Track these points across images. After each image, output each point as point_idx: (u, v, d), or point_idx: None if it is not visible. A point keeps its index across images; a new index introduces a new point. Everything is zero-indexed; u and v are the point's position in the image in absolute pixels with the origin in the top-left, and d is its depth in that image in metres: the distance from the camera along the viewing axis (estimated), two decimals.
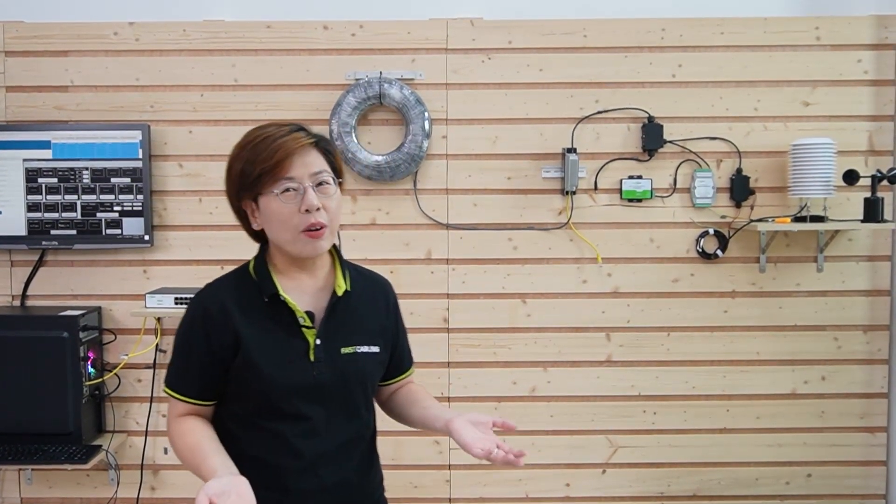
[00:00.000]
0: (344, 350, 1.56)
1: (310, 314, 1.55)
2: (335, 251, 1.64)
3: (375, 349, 1.61)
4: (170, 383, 1.58)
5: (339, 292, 1.58)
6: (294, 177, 1.49)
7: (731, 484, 3.11)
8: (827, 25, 3.02)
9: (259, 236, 1.63)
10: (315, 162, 1.52)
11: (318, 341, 1.53)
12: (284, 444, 1.52)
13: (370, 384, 1.63)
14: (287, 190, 1.48)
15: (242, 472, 1.42)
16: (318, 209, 1.49)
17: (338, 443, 1.56)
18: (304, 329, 1.54)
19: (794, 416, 3.09)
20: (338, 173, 1.57)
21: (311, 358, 1.53)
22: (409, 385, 1.78)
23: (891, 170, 2.83)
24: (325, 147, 1.56)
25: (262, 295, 1.54)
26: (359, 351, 1.58)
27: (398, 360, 1.73)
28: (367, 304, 1.64)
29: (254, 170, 1.49)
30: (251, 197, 1.53)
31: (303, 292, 1.57)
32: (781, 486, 3.11)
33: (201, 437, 1.51)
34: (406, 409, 1.72)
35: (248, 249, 3.09)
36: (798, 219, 2.94)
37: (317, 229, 1.50)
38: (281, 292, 1.53)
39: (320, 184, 1.51)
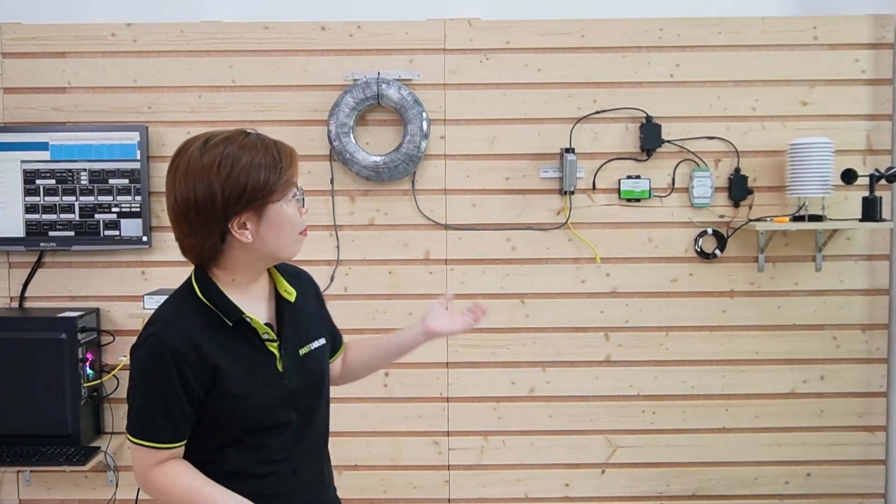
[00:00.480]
0: (302, 351, 1.59)
1: (269, 325, 1.54)
2: None
3: (323, 341, 1.65)
4: (140, 433, 1.46)
5: (291, 299, 1.57)
6: (295, 181, 1.53)
7: (731, 483, 3.11)
8: (824, 25, 3.02)
9: (202, 257, 1.50)
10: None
11: (282, 351, 1.54)
12: (267, 454, 1.53)
13: (327, 375, 1.68)
14: (296, 196, 1.52)
15: (228, 488, 1.48)
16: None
17: (311, 442, 1.60)
18: (267, 343, 1.53)
19: (793, 416, 3.09)
20: None
21: (280, 369, 1.53)
22: (352, 344, 1.85)
23: (889, 169, 2.83)
24: None
25: (226, 320, 1.48)
26: (313, 347, 1.62)
27: (334, 338, 1.78)
28: (304, 301, 1.64)
29: (280, 176, 1.45)
30: (255, 207, 1.44)
31: (256, 303, 1.54)
32: (781, 485, 3.11)
33: (195, 477, 1.48)
34: (372, 355, 1.81)
35: None
36: (796, 218, 2.94)
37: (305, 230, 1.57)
38: (245, 313, 1.49)
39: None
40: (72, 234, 2.97)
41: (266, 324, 1.53)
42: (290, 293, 1.58)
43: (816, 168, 2.85)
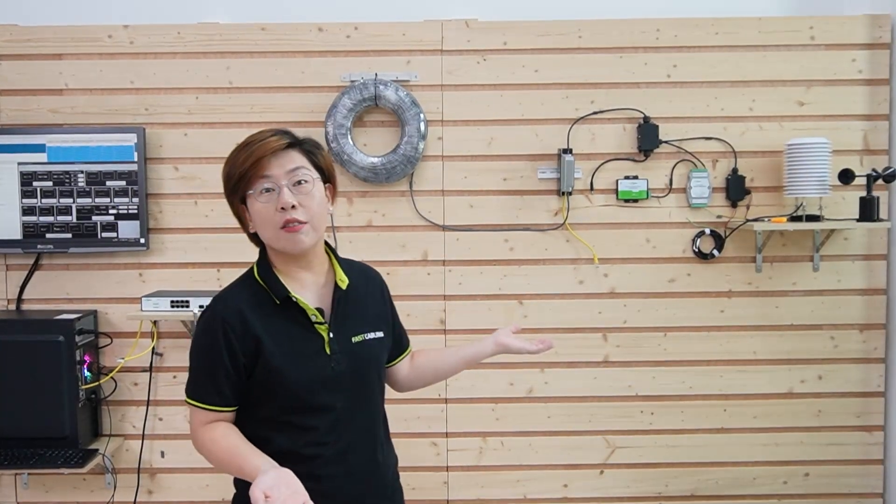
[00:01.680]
0: (355, 339, 1.65)
1: (320, 310, 1.62)
2: (330, 248, 1.72)
3: (380, 334, 1.72)
4: (192, 394, 1.62)
5: (343, 286, 1.66)
6: (270, 176, 1.56)
7: (729, 483, 3.11)
8: (821, 25, 3.03)
9: (259, 240, 1.68)
10: (291, 161, 1.58)
11: (331, 335, 1.61)
12: (315, 436, 1.59)
13: (381, 367, 1.74)
14: (266, 190, 1.56)
15: None
16: (292, 207, 1.55)
17: (361, 428, 1.65)
18: (316, 325, 1.61)
19: (792, 416, 3.09)
20: (323, 172, 1.65)
21: (328, 351, 1.61)
22: (418, 352, 1.93)
23: (886, 169, 2.84)
24: (307, 148, 1.63)
25: (274, 298, 1.60)
26: (367, 338, 1.68)
27: (398, 339, 1.84)
28: (366, 294, 1.73)
29: (235, 172, 1.58)
30: (240, 200, 1.60)
31: (307, 290, 1.65)
32: (779, 485, 3.11)
33: (236, 439, 1.57)
34: (441, 361, 1.91)
35: (242, 252, 3.07)
36: (794, 218, 2.94)
37: (294, 226, 1.56)
38: (291, 293, 1.60)
39: (298, 182, 1.57)
40: (69, 236, 2.97)
41: (317, 308, 1.62)
42: (343, 281, 1.66)
43: (814, 168, 2.85)
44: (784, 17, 3.06)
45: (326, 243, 1.71)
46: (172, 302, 2.81)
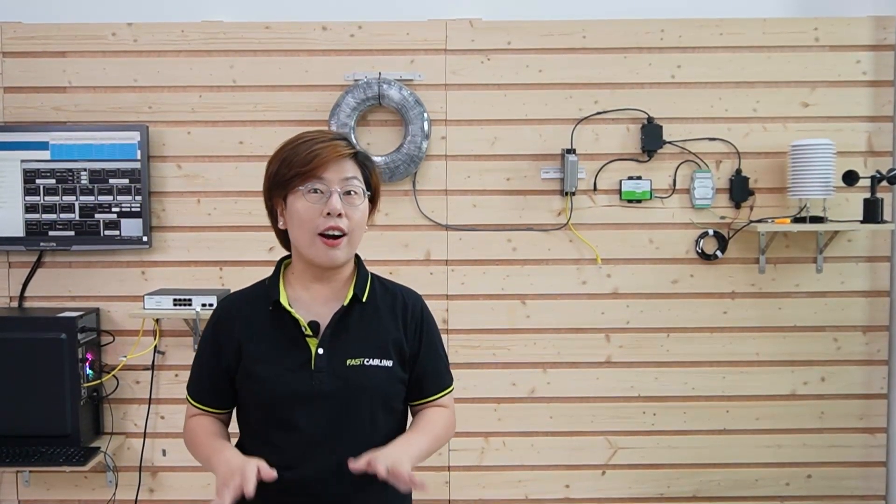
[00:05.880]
0: (350, 362, 1.52)
1: (314, 324, 1.53)
2: (358, 262, 1.63)
3: (388, 364, 1.55)
4: (187, 387, 1.64)
5: (345, 302, 1.56)
6: (324, 178, 1.49)
7: (731, 485, 3.10)
8: (825, 26, 3.02)
9: (287, 241, 1.62)
10: (348, 170, 1.52)
11: (319, 351, 1.51)
12: (280, 457, 1.47)
13: (385, 400, 1.56)
14: (314, 191, 1.49)
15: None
16: (339, 214, 1.48)
17: (336, 461, 1.48)
18: (307, 338, 1.53)
19: (794, 417, 3.09)
20: (372, 188, 1.58)
21: (312, 367, 1.51)
22: (424, 410, 1.65)
23: (890, 170, 2.83)
24: (362, 161, 1.57)
25: (268, 303, 1.56)
26: (367, 364, 1.53)
27: (418, 380, 1.63)
28: (383, 317, 1.59)
29: (289, 170, 1.50)
30: (282, 195, 1.53)
31: (314, 301, 1.56)
32: (781, 487, 3.10)
33: (206, 432, 1.56)
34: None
35: (245, 251, 3.10)
36: (798, 220, 2.94)
37: (335, 237, 1.49)
38: (282, 301, 1.54)
39: (348, 192, 1.51)
40: (72, 233, 2.97)
41: (313, 321, 1.53)
42: (347, 297, 1.56)
43: (818, 169, 2.84)
44: (789, 18, 3.05)
45: (358, 257, 1.63)
46: (175, 300, 2.80)
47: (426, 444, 1.55)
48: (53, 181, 2.96)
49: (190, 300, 2.80)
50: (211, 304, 2.80)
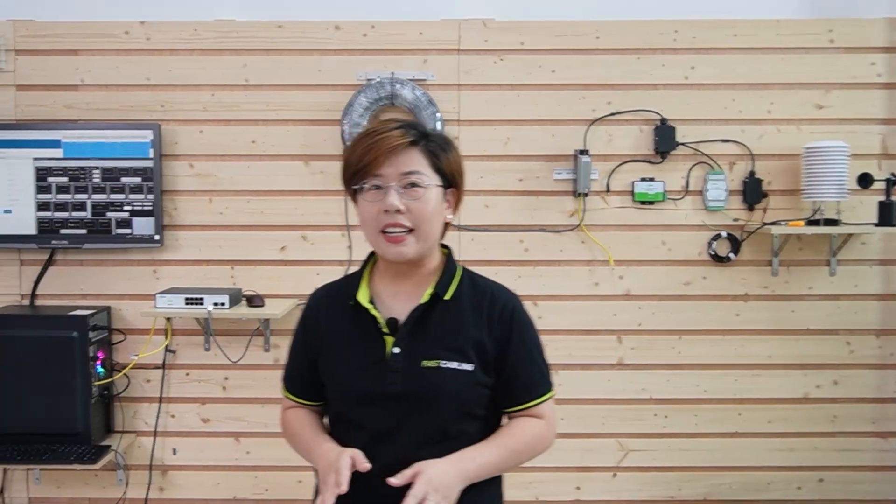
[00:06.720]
0: (426, 363, 1.44)
1: (392, 321, 1.47)
2: (448, 256, 1.56)
3: (468, 367, 1.44)
4: (282, 378, 1.64)
5: (423, 300, 1.47)
6: (382, 174, 1.43)
7: (743, 488, 3.09)
8: (840, 28, 3.01)
9: None
10: (408, 162, 1.44)
11: (395, 350, 1.45)
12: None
13: (462, 405, 1.46)
14: (375, 187, 1.44)
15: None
16: (396, 210, 1.41)
17: (405, 460, 1.38)
18: (385, 336, 1.47)
19: (806, 421, 3.07)
20: (445, 175, 1.48)
21: (386, 366, 1.45)
22: (514, 419, 1.53)
23: None
24: (431, 148, 1.47)
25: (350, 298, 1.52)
26: (443, 366, 1.44)
27: (507, 386, 1.50)
28: (466, 317, 1.48)
29: (349, 168, 1.47)
30: (351, 194, 1.50)
31: (395, 297, 1.50)
32: (793, 490, 3.09)
33: (302, 423, 1.55)
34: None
35: (256, 250, 3.10)
36: (812, 222, 2.92)
37: (396, 234, 1.43)
38: (360, 297, 1.49)
39: (411, 185, 1.43)
40: (84, 232, 2.96)
41: (391, 318, 1.47)
42: (427, 294, 1.48)
43: (832, 172, 2.83)
44: (803, 19, 3.04)
45: (449, 253, 1.56)
46: (187, 299, 2.80)
47: (493, 458, 1.44)
48: (66, 179, 2.96)
49: (202, 299, 2.79)
50: (223, 304, 2.79)
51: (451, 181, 1.50)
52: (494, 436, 1.49)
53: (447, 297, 1.49)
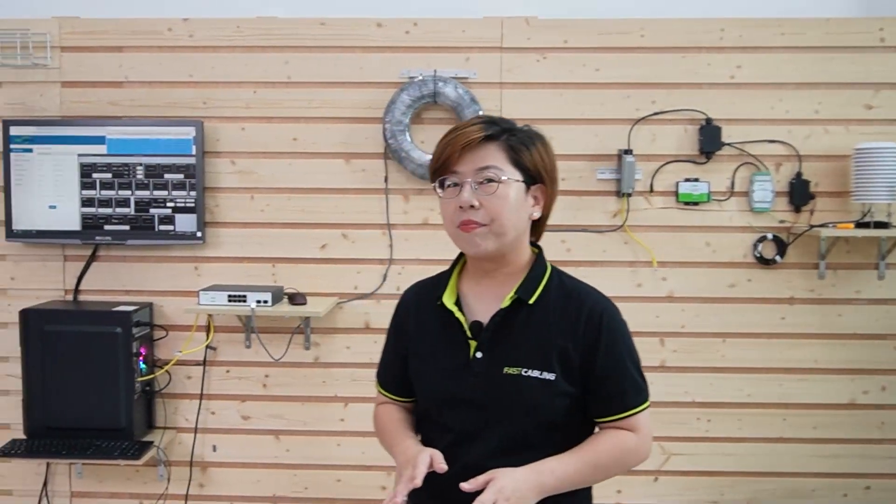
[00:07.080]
0: (507, 370, 1.40)
1: (476, 325, 1.45)
2: (538, 255, 1.53)
3: (550, 376, 1.39)
4: (376, 374, 1.65)
5: (504, 304, 1.43)
6: (459, 171, 1.42)
7: (787, 494, 3.04)
8: (891, 27, 2.94)
9: None
10: (484, 157, 1.41)
11: (478, 354, 1.42)
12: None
13: (542, 415, 1.41)
14: (452, 184, 1.43)
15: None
16: (471, 206, 1.39)
17: (480, 465, 1.35)
18: (469, 340, 1.45)
19: (853, 427, 3.01)
20: (528, 170, 1.44)
21: (468, 371, 1.43)
22: (602, 430, 1.48)
23: None
24: (512, 143, 1.43)
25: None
26: (524, 374, 1.40)
27: (595, 396, 1.44)
28: (551, 322, 1.43)
29: (431, 165, 1.48)
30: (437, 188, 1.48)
31: (481, 298, 1.48)
32: (839, 498, 3.03)
33: (390, 419, 1.56)
34: None
35: (297, 248, 3.10)
36: (861, 224, 2.87)
37: (469, 226, 1.40)
38: (445, 299, 1.47)
39: (487, 181, 1.40)
40: (127, 228, 2.98)
41: (475, 322, 1.45)
42: (509, 297, 1.44)
43: (883, 174, 2.77)
44: (852, 17, 2.99)
45: (540, 253, 1.53)
46: (230, 296, 2.80)
47: (573, 470, 1.38)
48: (109, 175, 2.97)
49: (245, 296, 2.80)
50: (266, 301, 2.79)
51: (536, 177, 1.46)
52: (579, 447, 1.43)
53: (531, 301, 1.45)
